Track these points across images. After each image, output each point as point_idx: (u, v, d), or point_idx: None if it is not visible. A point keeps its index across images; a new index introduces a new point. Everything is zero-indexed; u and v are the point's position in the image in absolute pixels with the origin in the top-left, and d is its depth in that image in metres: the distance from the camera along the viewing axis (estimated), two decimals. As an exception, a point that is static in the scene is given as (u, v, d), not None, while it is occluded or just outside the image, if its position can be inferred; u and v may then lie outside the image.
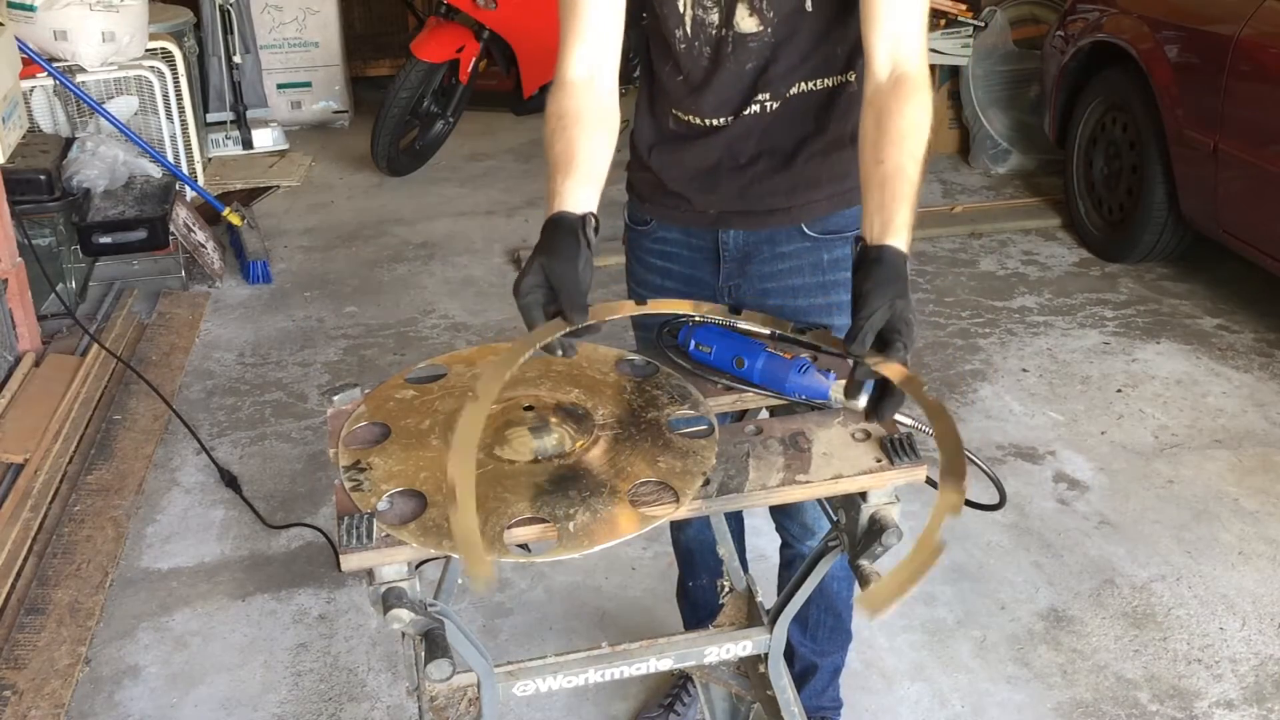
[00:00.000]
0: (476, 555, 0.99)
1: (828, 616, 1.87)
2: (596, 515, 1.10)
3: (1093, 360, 3.36)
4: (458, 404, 1.26)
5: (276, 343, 3.56)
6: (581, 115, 1.34)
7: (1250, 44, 3.26)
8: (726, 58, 1.43)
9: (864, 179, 1.31)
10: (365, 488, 1.14)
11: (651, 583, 2.47)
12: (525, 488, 1.13)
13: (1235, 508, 2.67)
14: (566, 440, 1.20)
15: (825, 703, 1.99)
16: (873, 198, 1.28)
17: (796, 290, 1.58)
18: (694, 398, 1.29)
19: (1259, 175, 3.26)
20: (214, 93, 5.30)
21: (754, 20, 1.40)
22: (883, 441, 1.22)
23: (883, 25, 1.33)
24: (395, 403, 1.29)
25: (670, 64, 1.48)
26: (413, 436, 1.23)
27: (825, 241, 1.55)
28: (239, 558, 2.57)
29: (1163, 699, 2.15)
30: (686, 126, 1.51)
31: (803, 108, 1.47)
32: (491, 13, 4.64)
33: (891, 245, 1.22)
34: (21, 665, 2.17)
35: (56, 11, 4.04)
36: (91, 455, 2.83)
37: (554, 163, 1.30)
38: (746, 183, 1.51)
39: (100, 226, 3.65)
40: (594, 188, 1.30)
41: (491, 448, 1.18)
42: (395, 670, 2.23)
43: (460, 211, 4.61)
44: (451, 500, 1.02)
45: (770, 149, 1.50)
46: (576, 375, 1.33)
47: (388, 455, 1.19)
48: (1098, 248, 4.07)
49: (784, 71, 1.44)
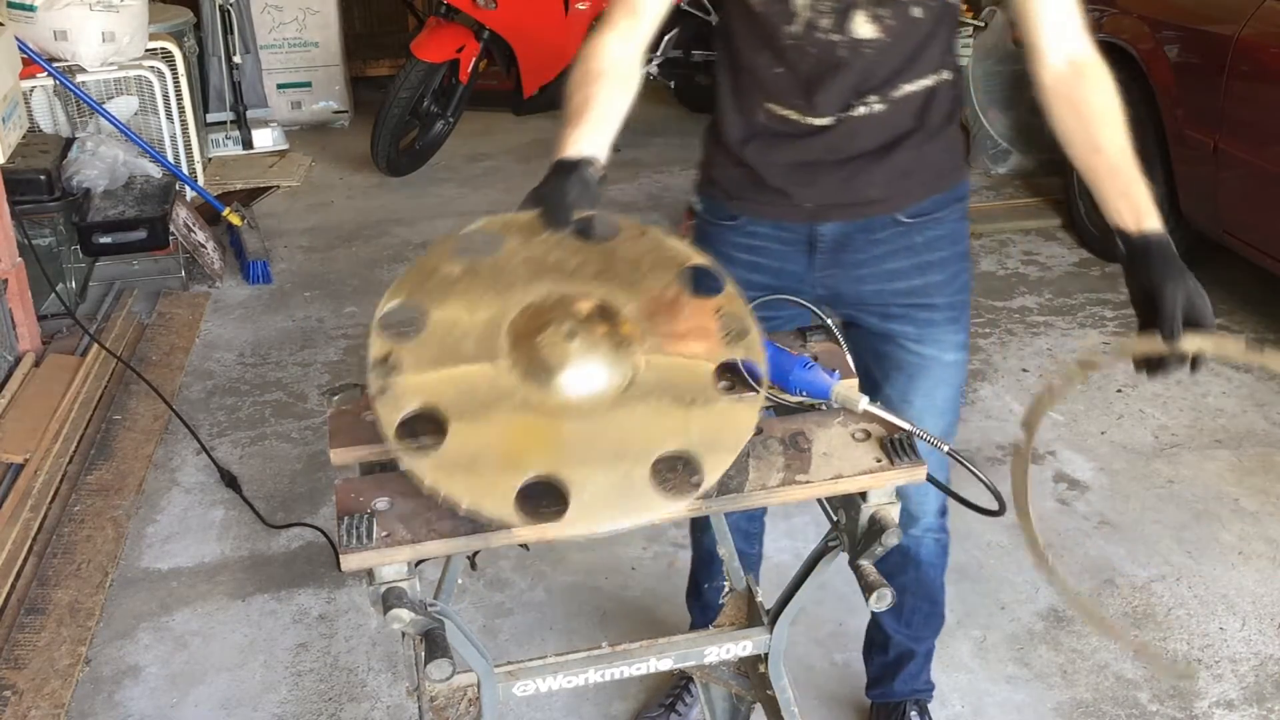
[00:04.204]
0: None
1: (923, 603, 1.88)
2: (615, 487, 1.06)
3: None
4: (504, 300, 1.18)
5: (276, 343, 3.56)
6: (606, 74, 1.39)
7: (1250, 44, 3.26)
8: (839, 60, 1.42)
9: (1086, 169, 1.38)
10: (388, 395, 1.09)
11: (651, 583, 2.46)
12: (548, 437, 1.08)
13: (1235, 508, 2.67)
14: (607, 378, 1.14)
15: (920, 685, 2.01)
16: (1107, 185, 1.35)
17: (893, 274, 1.58)
18: (750, 339, 1.20)
19: (1259, 175, 3.26)
20: (214, 93, 5.30)
21: (872, 27, 1.39)
22: (883, 441, 1.22)
23: (1045, 16, 1.39)
24: (439, 281, 1.20)
25: (769, 55, 1.46)
26: (449, 334, 1.15)
27: (918, 225, 1.56)
28: (239, 558, 2.57)
29: (1163, 699, 2.15)
30: (783, 122, 1.49)
31: (906, 107, 1.48)
32: (491, 13, 4.64)
33: (1153, 230, 1.30)
34: (21, 665, 2.17)
35: (56, 11, 4.04)
36: (91, 455, 2.83)
37: (567, 116, 1.35)
38: (846, 176, 1.51)
39: (100, 226, 3.65)
40: (602, 137, 1.34)
41: (521, 366, 1.12)
42: (395, 670, 2.23)
43: (460, 211, 4.61)
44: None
45: (871, 145, 1.49)
46: (636, 281, 1.23)
47: (420, 356, 1.13)
48: (1098, 248, 4.07)
49: (891, 74, 1.44)
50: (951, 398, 1.66)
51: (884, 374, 1.64)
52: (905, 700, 2.00)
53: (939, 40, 1.45)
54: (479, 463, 1.07)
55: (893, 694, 2.00)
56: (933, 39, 1.44)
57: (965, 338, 1.65)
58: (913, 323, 1.60)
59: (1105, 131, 1.36)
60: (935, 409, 1.64)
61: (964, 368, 1.67)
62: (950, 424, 1.68)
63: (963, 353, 1.64)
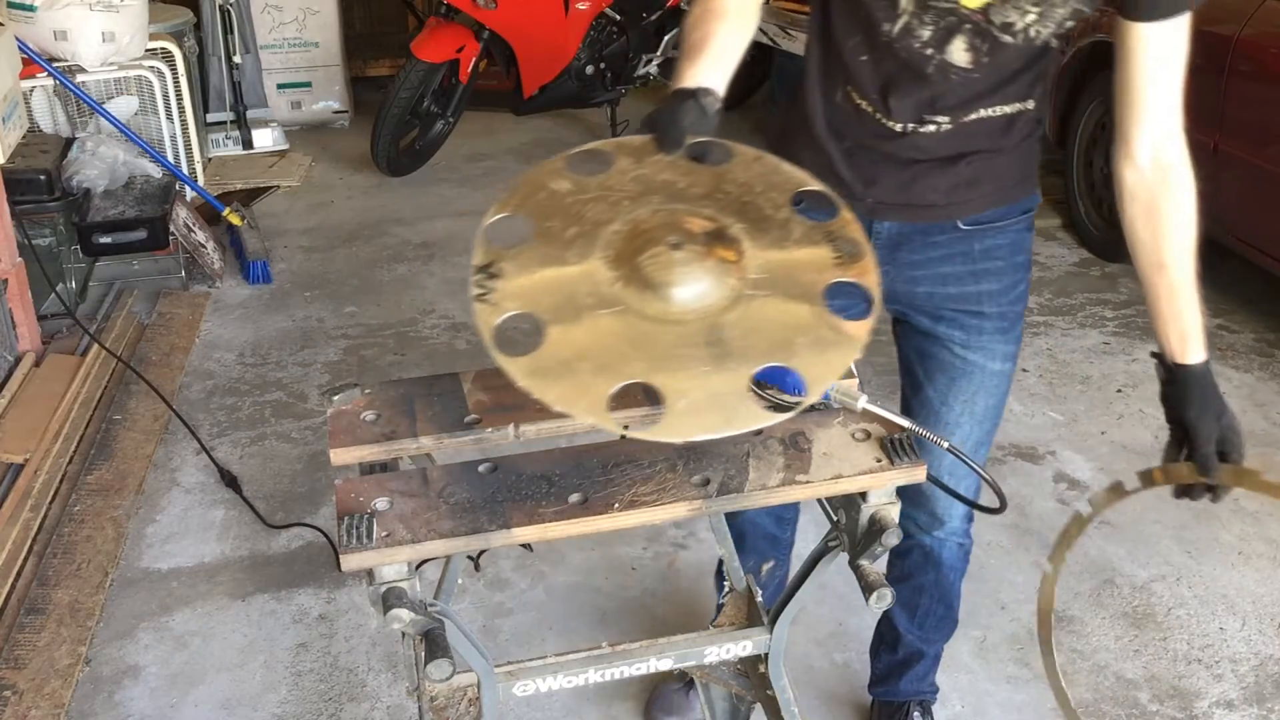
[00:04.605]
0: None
1: (938, 605, 1.88)
2: (714, 398, 1.03)
3: (1093, 360, 3.36)
4: (610, 214, 1.16)
5: (276, 343, 3.56)
6: (727, 13, 1.35)
7: (1250, 44, 3.26)
8: (925, 75, 1.39)
9: (1146, 283, 1.37)
10: (488, 299, 1.07)
11: (651, 583, 2.46)
12: (647, 346, 1.06)
13: (1235, 508, 2.67)
14: (711, 292, 1.10)
15: (925, 688, 2.01)
16: (1162, 308, 1.35)
17: (946, 278, 1.57)
18: (864, 262, 1.16)
19: (1259, 175, 3.26)
20: (214, 93, 5.30)
21: (968, 56, 1.37)
22: (883, 441, 1.21)
23: (1147, 111, 1.34)
24: (546, 195, 1.19)
25: (859, 40, 1.42)
26: (554, 246, 1.13)
27: (978, 232, 1.55)
28: (239, 558, 2.57)
29: (1163, 699, 2.15)
30: (858, 112, 1.47)
31: (979, 129, 1.45)
32: (491, 13, 4.64)
33: (1195, 363, 1.33)
34: (21, 665, 2.17)
35: (56, 11, 4.04)
36: (91, 455, 2.83)
37: (686, 50, 1.33)
38: (909, 179, 1.49)
39: (100, 226, 3.65)
40: (720, 72, 1.31)
41: (624, 276, 1.10)
42: (395, 670, 2.23)
43: (460, 211, 4.61)
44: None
45: (938, 156, 1.48)
46: (746, 203, 1.20)
47: (523, 265, 1.11)
48: (1098, 248, 4.07)
49: (970, 99, 1.42)
50: (993, 406, 1.65)
51: (927, 374, 1.63)
52: (910, 701, 2.00)
53: (1027, 76, 1.42)
54: (574, 368, 1.04)
55: (897, 693, 2.00)
56: (1022, 74, 1.41)
57: (1015, 348, 1.63)
58: (961, 328, 1.59)
59: (1173, 249, 1.35)
60: (973, 415, 1.63)
61: (1009, 378, 1.65)
62: (988, 432, 1.67)
63: (1010, 363, 1.63)
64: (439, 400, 1.29)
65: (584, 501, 1.14)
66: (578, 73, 5.06)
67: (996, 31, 1.34)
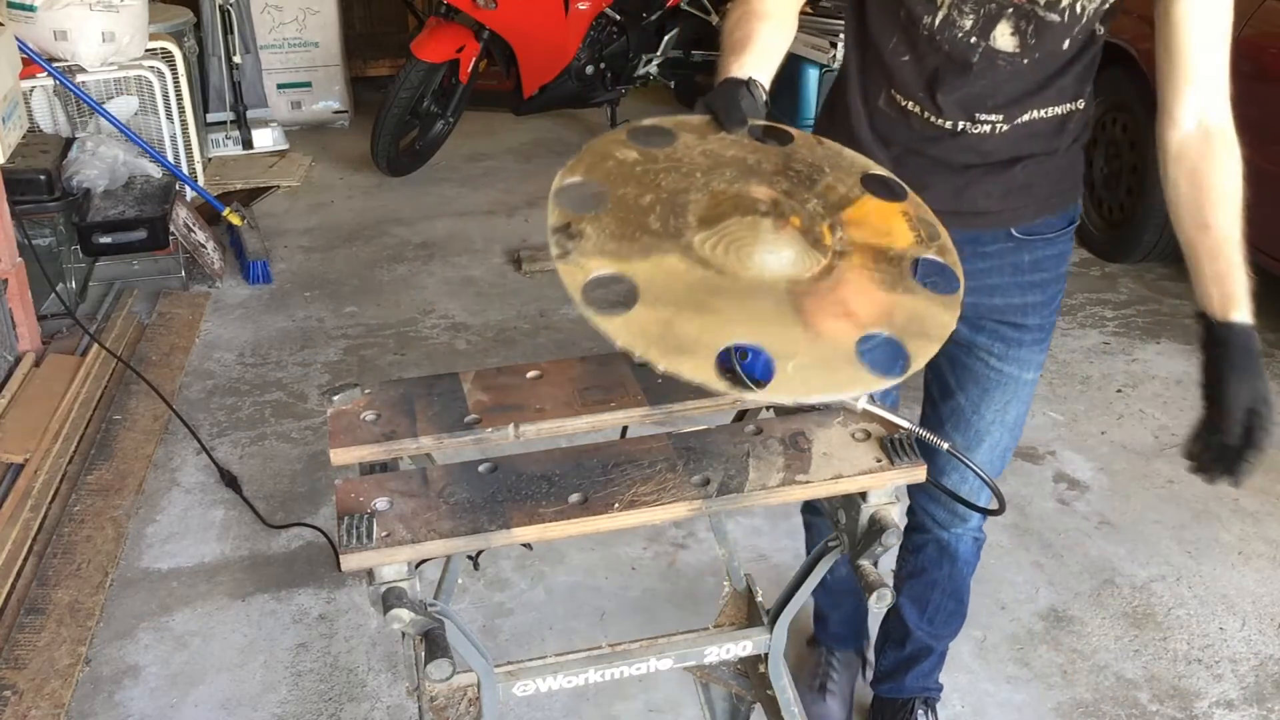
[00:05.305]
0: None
1: (950, 600, 1.87)
2: (822, 360, 1.02)
3: (1093, 360, 3.36)
4: (685, 183, 1.15)
5: (276, 343, 3.56)
6: (768, 14, 1.34)
7: (1250, 44, 3.26)
8: (971, 66, 1.37)
9: (1188, 244, 1.33)
10: (572, 259, 1.04)
11: (651, 583, 2.46)
12: (743, 311, 1.05)
13: (1235, 508, 2.67)
14: (800, 260, 1.10)
15: (930, 684, 2.01)
16: (1205, 267, 1.31)
17: (994, 289, 1.56)
18: (943, 242, 1.18)
19: (1259, 175, 3.25)
20: (214, 93, 5.30)
21: (1014, 40, 1.35)
22: (883, 441, 1.21)
23: (1194, 72, 1.31)
24: (615, 163, 1.18)
25: (899, 40, 1.41)
26: (631, 211, 1.11)
27: (1028, 242, 1.54)
28: (239, 558, 2.57)
29: (1163, 699, 2.15)
30: (904, 115, 1.45)
31: (1031, 131, 1.44)
32: (491, 13, 4.64)
33: (1239, 321, 1.27)
34: (21, 665, 2.17)
35: (56, 11, 4.04)
36: (91, 455, 2.83)
37: (729, 48, 1.32)
38: (961, 185, 1.47)
39: (100, 226, 3.65)
40: (766, 68, 1.30)
41: (713, 240, 1.09)
42: (395, 670, 2.23)
43: (460, 211, 4.61)
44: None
45: (992, 159, 1.46)
46: (817, 180, 1.21)
47: (602, 227, 1.09)
48: (1098, 248, 4.07)
49: (1021, 95, 1.40)
50: (1022, 415, 1.65)
51: (959, 382, 1.62)
52: (914, 698, 1.99)
53: (1076, 70, 1.40)
54: (674, 329, 1.02)
55: (902, 690, 1.99)
56: (1070, 67, 1.39)
57: (1044, 357, 1.63)
58: (1000, 339, 1.58)
59: (1219, 211, 1.32)
60: (1005, 424, 1.63)
61: (1035, 385, 1.64)
62: (1016, 438, 1.67)
63: (1039, 371, 1.63)
64: (439, 400, 1.29)
65: (584, 501, 1.14)
66: (578, 73, 5.06)
67: (1041, 10, 1.33)
